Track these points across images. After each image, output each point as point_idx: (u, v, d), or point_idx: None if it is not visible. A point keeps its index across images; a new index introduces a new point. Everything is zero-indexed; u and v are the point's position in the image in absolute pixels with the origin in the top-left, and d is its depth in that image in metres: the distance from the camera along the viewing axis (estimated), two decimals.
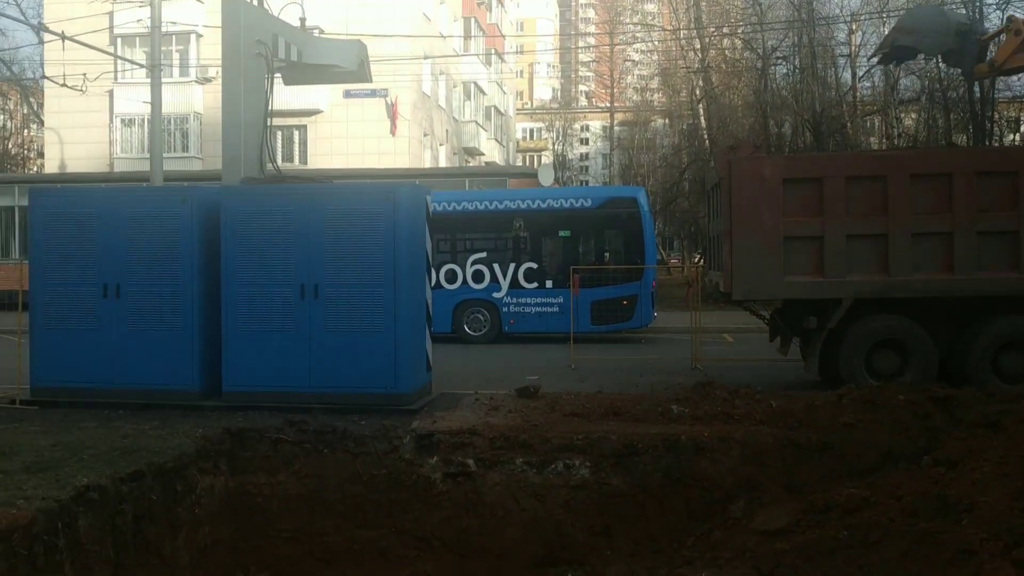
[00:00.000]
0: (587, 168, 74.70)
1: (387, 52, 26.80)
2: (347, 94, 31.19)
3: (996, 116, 27.49)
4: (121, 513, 6.43)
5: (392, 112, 32.04)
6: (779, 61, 30.39)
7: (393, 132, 32.20)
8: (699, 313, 14.61)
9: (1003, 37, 11.34)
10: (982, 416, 7.60)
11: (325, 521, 7.77)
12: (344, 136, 31.95)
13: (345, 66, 12.03)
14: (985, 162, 10.69)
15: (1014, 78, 27.34)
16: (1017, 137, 30.83)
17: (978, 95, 24.19)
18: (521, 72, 77.89)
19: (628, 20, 47.97)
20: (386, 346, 9.31)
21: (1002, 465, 6.65)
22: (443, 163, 37.69)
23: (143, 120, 30.09)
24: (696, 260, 27.88)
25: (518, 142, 68.16)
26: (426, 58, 33.82)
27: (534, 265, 18.60)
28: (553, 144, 64.06)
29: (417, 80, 33.41)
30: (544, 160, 62.40)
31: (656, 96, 47.65)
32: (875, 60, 14.72)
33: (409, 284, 9.60)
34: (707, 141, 30.93)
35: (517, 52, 69.68)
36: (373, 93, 30.34)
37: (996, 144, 25.65)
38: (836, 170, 10.63)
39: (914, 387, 8.92)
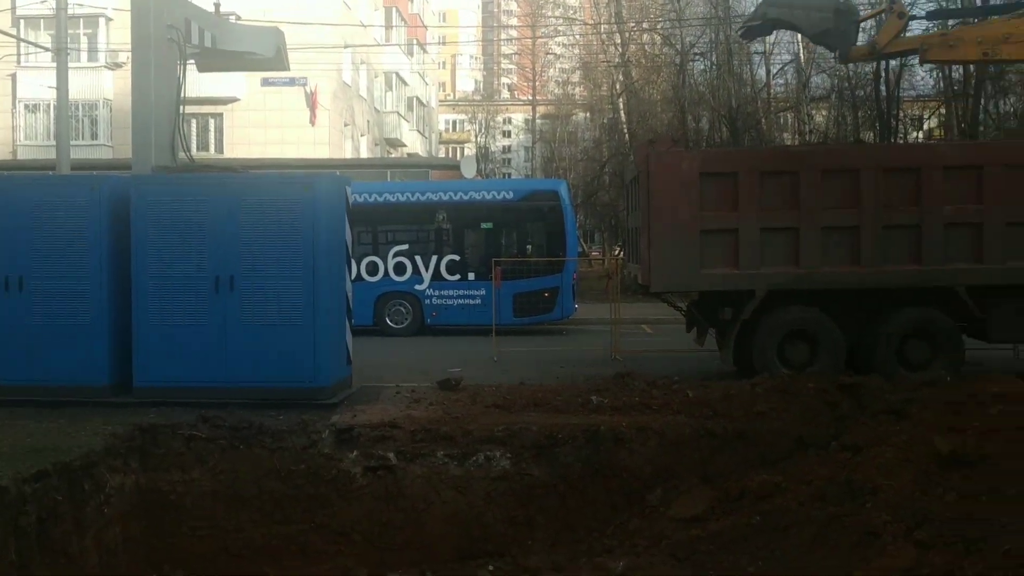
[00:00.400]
0: (510, 160, 74.78)
1: (306, 40, 26.27)
2: (265, 82, 30.50)
3: (901, 114, 28.59)
4: (24, 514, 6.17)
5: (311, 101, 31.47)
6: (697, 57, 30.97)
7: (312, 121, 31.64)
8: (618, 305, 14.81)
9: (884, 18, 10.89)
10: (887, 404, 7.91)
11: (242, 517, 7.62)
12: (262, 125, 31.25)
13: (262, 53, 11.76)
14: (890, 158, 11.10)
15: (919, 76, 28.53)
16: (920, 134, 32.13)
17: (884, 94, 25.11)
18: (443, 63, 77.43)
19: (550, 13, 48.16)
20: (305, 339, 9.17)
21: (905, 450, 6.93)
22: (364, 154, 37.24)
23: (49, 106, 28.83)
24: (616, 252, 28.24)
25: (441, 133, 67.79)
26: (346, 47, 33.30)
27: (456, 257, 18.56)
28: (476, 136, 63.85)
29: (337, 69, 32.88)
30: (467, 152, 62.27)
31: (577, 90, 47.98)
32: (740, 33, 13.35)
33: (328, 276, 9.47)
34: (627, 135, 31.32)
35: (439, 43, 69.24)
36: (292, 82, 29.72)
37: (901, 141, 26.69)
38: (750, 165, 10.89)
39: (823, 376, 9.22)
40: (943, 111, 28.61)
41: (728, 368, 11.56)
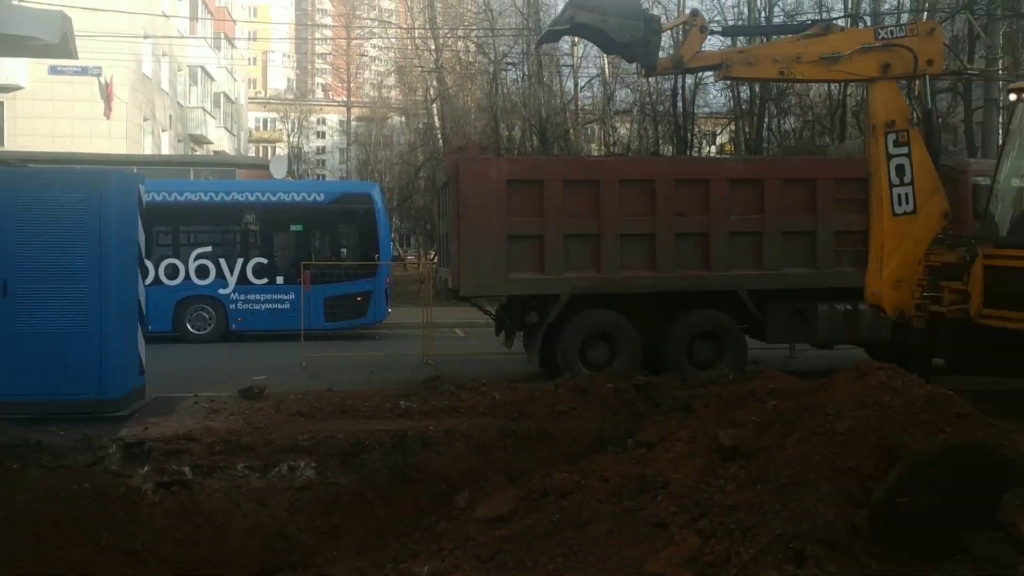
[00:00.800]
0: (324, 162, 73.20)
1: (101, 28, 24.60)
2: (53, 70, 28.16)
3: (696, 129, 30.50)
4: None
5: (107, 93, 29.42)
6: (509, 67, 31.64)
7: (107, 114, 29.57)
8: (430, 309, 14.86)
9: (684, 31, 10.75)
10: (676, 400, 8.38)
11: (17, 544, 7.00)
12: (50, 116, 28.84)
13: (44, 39, 10.88)
14: (682, 170, 11.81)
15: (712, 94, 30.57)
16: (714, 149, 34.40)
17: (681, 109, 26.69)
18: (254, 60, 74.65)
19: (365, 15, 47.66)
20: (90, 348, 8.56)
21: (692, 444, 7.39)
22: (166, 150, 35.25)
23: None
24: (431, 257, 28.36)
25: (251, 132, 65.36)
26: (146, 37, 31.41)
27: (264, 260, 17.97)
28: (288, 136, 62.00)
29: (136, 60, 30.94)
30: (278, 152, 60.37)
31: (393, 93, 47.78)
32: (539, 39, 11.68)
33: (118, 280, 8.89)
34: (441, 141, 31.54)
35: (249, 38, 66.69)
36: (84, 71, 27.66)
37: (695, 154, 28.46)
38: (555, 173, 11.26)
39: (621, 376, 9.65)
40: (733, 128, 30.79)
41: (534, 369, 11.88)
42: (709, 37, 9.89)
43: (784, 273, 11.44)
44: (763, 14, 25.66)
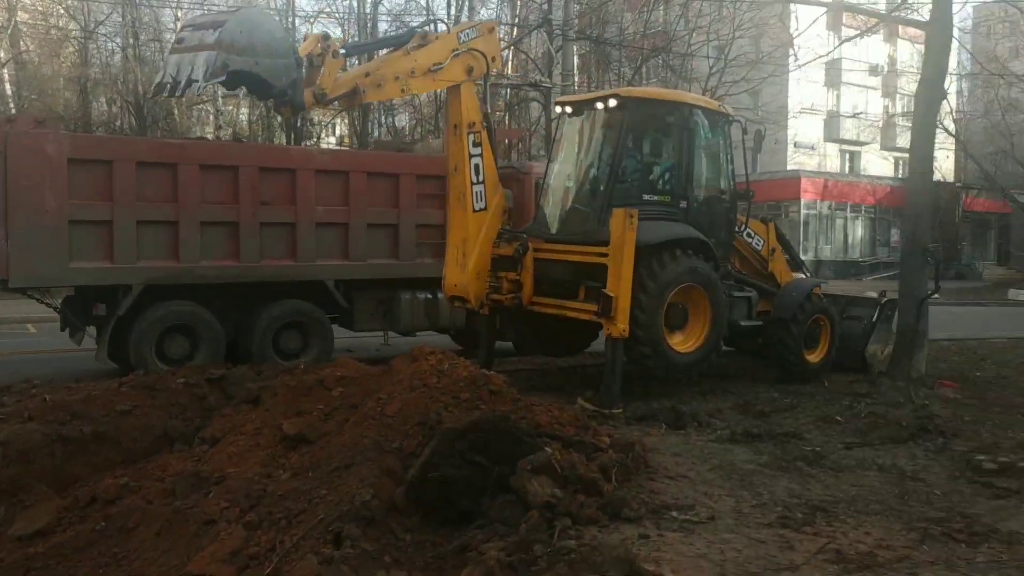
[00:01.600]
0: None
1: None
2: None
3: (316, 119, 30.31)
4: None
5: None
6: (101, 36, 28.91)
7: None
8: None
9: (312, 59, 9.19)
10: (247, 392, 8.21)
11: None
12: None
13: None
14: (268, 159, 11.56)
15: None
16: (333, 140, 34.56)
17: None
18: None
19: None
20: None
21: (256, 436, 7.29)
22: None
23: None
24: None
25: None
26: None
27: None
28: None
29: None
30: None
31: None
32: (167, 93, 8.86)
33: None
34: (15, 111, 27.87)
35: None
36: None
37: (312, 144, 28.32)
38: (127, 154, 10.41)
39: (194, 369, 9.24)
40: (347, 120, 31.14)
41: (106, 367, 10.95)
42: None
43: (369, 264, 11.75)
44: (370, 14, 26.21)
